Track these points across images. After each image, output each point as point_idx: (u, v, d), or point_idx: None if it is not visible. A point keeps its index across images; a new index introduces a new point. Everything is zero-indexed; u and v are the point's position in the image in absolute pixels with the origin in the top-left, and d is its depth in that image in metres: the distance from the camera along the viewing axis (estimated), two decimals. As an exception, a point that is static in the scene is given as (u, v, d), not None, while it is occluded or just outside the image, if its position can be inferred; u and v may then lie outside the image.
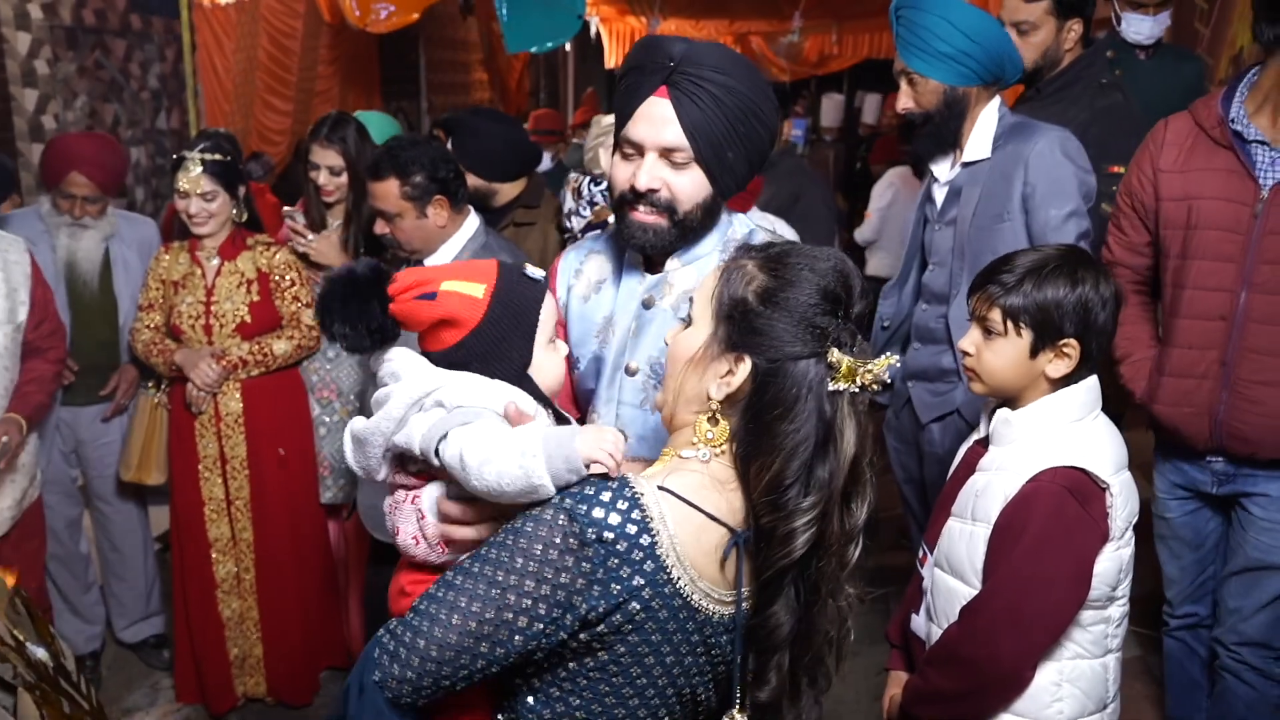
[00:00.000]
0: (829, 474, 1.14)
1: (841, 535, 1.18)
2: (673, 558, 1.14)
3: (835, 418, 1.15)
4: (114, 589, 3.33)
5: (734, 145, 1.52)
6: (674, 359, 1.26)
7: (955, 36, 2.25)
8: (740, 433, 1.19)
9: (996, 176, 2.32)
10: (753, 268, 1.21)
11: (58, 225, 2.99)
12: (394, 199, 2.46)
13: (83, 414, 3.12)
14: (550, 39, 5.37)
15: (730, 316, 1.19)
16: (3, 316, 2.63)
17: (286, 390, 2.99)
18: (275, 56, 6.74)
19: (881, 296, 2.65)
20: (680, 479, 1.19)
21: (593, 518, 1.12)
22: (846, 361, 1.14)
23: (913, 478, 2.67)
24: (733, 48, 7.82)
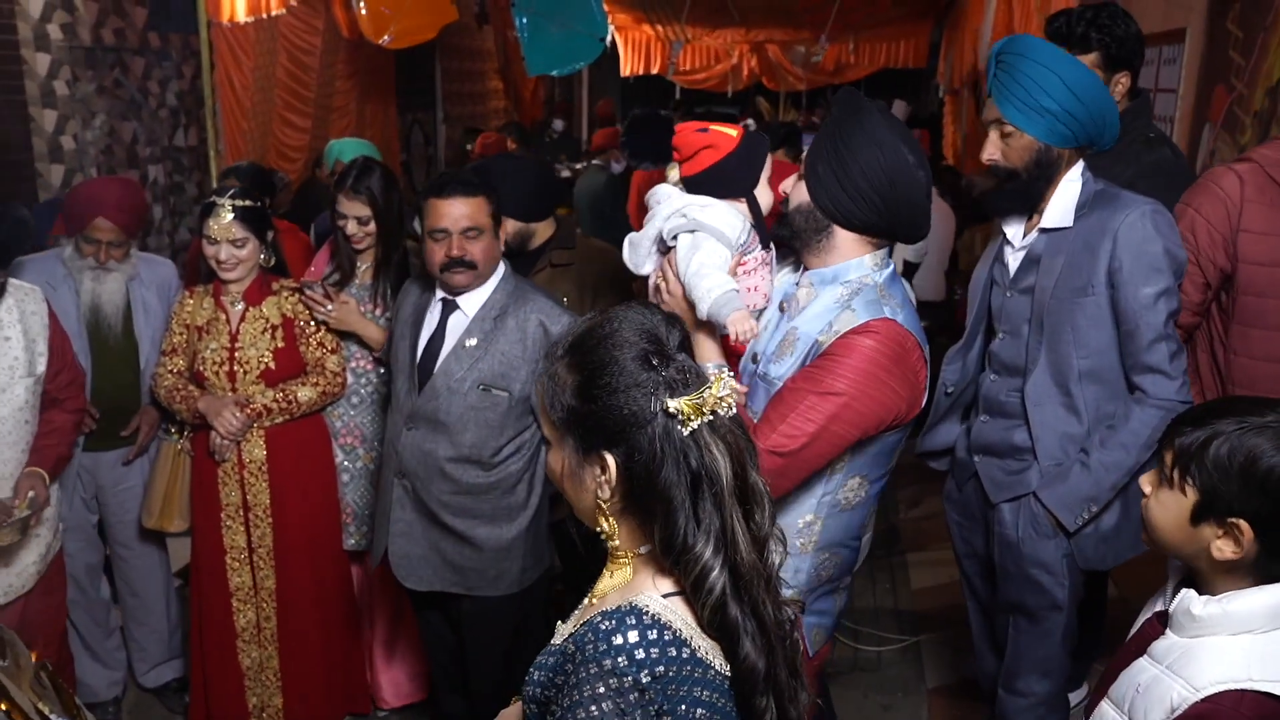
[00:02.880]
0: (714, 507, 1.17)
1: (755, 547, 1.20)
2: (706, 650, 1.17)
3: (699, 458, 1.16)
4: (134, 633, 3.29)
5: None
6: (555, 481, 1.30)
7: (1061, 93, 2.14)
8: (630, 513, 1.22)
9: (1080, 247, 2.21)
10: (563, 371, 1.23)
11: (81, 269, 2.95)
12: (484, 215, 2.45)
13: (103, 459, 3.08)
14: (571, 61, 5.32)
15: (569, 426, 1.22)
16: (22, 370, 2.58)
17: (311, 437, 2.95)
18: (294, 73, 6.70)
19: (945, 361, 2.53)
20: (660, 579, 1.22)
21: (636, 660, 1.13)
22: (686, 403, 1.16)
23: (976, 553, 2.58)
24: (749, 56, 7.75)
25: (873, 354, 1.79)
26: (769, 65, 11.64)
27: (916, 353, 1.84)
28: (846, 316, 1.86)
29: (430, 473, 2.53)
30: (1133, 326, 2.16)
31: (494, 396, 2.48)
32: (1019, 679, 2.43)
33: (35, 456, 2.63)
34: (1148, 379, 2.18)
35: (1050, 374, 2.27)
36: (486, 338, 2.49)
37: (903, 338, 1.82)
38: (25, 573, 2.64)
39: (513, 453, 2.55)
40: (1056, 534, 2.28)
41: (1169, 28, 4.12)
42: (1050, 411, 2.28)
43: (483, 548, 2.56)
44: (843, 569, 2.01)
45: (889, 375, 1.80)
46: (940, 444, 2.62)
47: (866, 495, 1.95)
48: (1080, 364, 2.23)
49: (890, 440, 1.90)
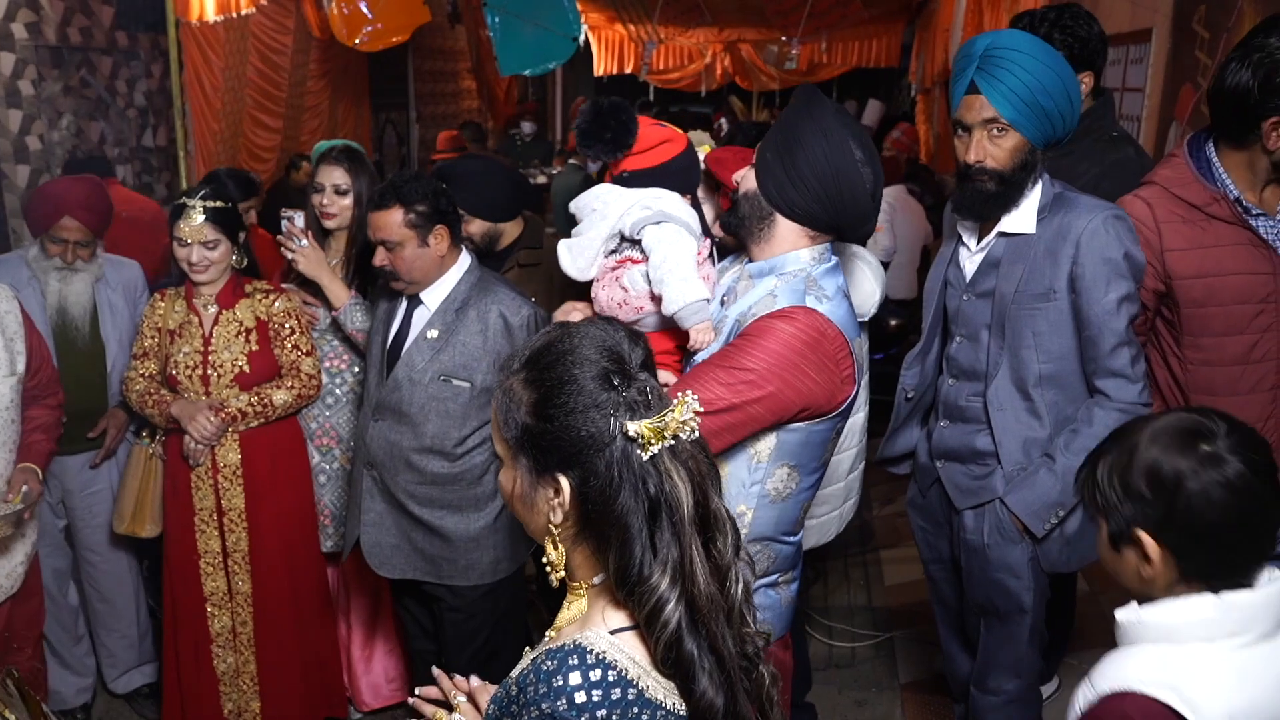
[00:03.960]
0: (672, 536, 1.11)
1: (716, 578, 1.14)
2: (656, 688, 1.12)
3: (658, 485, 1.11)
4: (104, 639, 3.25)
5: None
6: (506, 500, 1.24)
7: (1059, 94, 2.12)
8: (583, 540, 1.16)
9: (1041, 252, 2.21)
10: (519, 386, 1.17)
11: (47, 270, 2.92)
12: (397, 227, 2.45)
13: (69, 463, 3.05)
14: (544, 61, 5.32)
15: (522, 446, 1.16)
16: (4, 369, 2.57)
17: (286, 440, 2.93)
18: (265, 73, 6.65)
19: (904, 365, 2.55)
20: (612, 612, 1.16)
21: (576, 704, 1.07)
22: (646, 426, 1.11)
23: (941, 558, 2.58)
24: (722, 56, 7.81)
25: (787, 338, 1.81)
26: (742, 65, 11.67)
27: (838, 343, 1.84)
28: (766, 301, 1.89)
29: (396, 463, 2.56)
30: (1095, 332, 2.17)
31: (455, 387, 2.51)
32: (990, 678, 2.45)
33: (25, 453, 2.63)
34: (1110, 383, 2.20)
35: (1011, 378, 2.28)
36: (447, 329, 2.52)
37: (821, 326, 1.83)
38: (14, 574, 2.64)
39: (477, 444, 2.56)
40: (1022, 539, 2.29)
41: (1136, 28, 4.17)
42: (1012, 416, 2.29)
43: (451, 537, 2.57)
44: (781, 564, 1.99)
45: (803, 360, 1.80)
46: (901, 449, 2.62)
47: (799, 488, 1.94)
48: (1041, 368, 2.24)
49: (818, 431, 1.90)
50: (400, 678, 3.27)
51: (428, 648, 2.82)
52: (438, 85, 10.29)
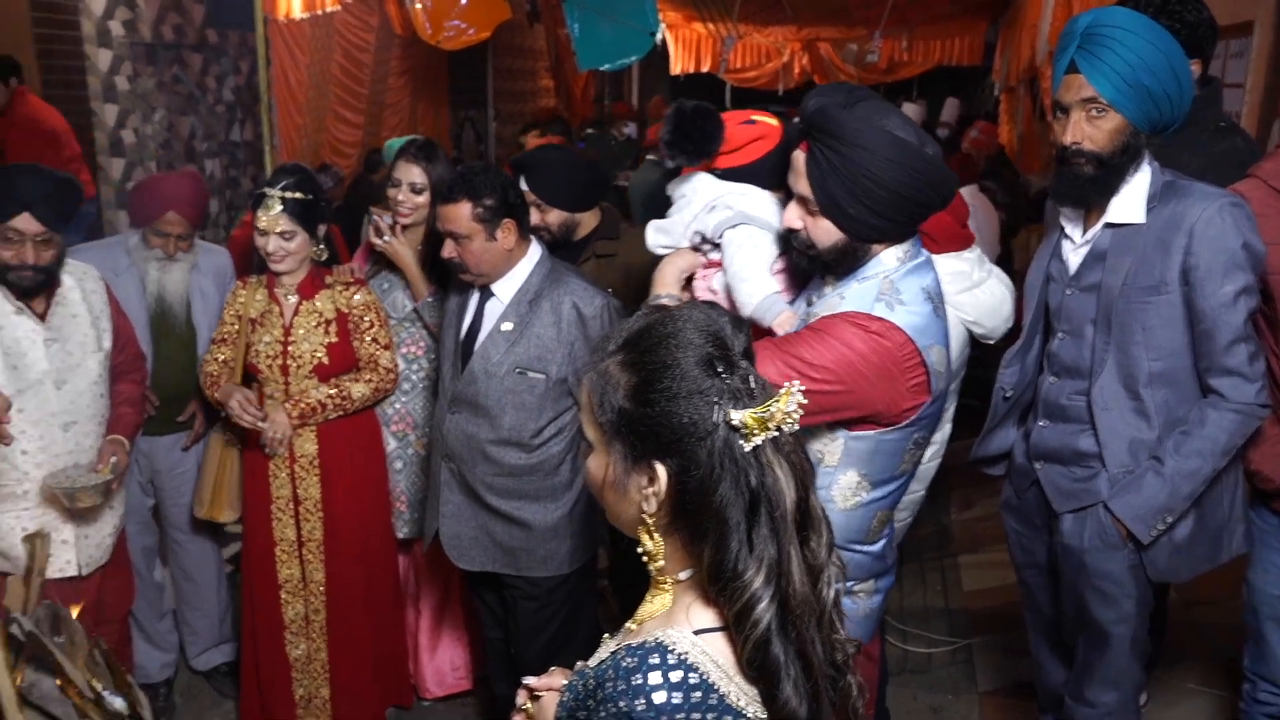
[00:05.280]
0: (770, 532, 1.07)
1: (809, 578, 1.09)
2: (738, 694, 1.07)
3: (760, 477, 1.07)
4: (187, 617, 3.34)
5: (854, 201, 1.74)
6: (593, 486, 1.19)
7: (1165, 73, 2.01)
8: (675, 531, 1.12)
9: (1151, 243, 2.10)
10: (615, 369, 1.12)
11: (147, 260, 3.00)
12: (465, 221, 2.45)
13: (160, 443, 3.13)
14: (622, 56, 5.30)
15: (618, 430, 1.11)
16: (91, 345, 2.65)
17: (362, 431, 2.95)
18: (348, 69, 6.78)
19: (1003, 363, 2.44)
20: (698, 609, 1.12)
21: (655, 704, 1.03)
22: (751, 416, 1.06)
23: (1036, 563, 2.48)
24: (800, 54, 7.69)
25: (849, 338, 1.74)
26: (820, 63, 11.55)
27: (905, 350, 1.76)
28: (833, 300, 1.83)
29: (474, 455, 2.56)
30: (1210, 326, 2.06)
31: (530, 379, 2.50)
32: (1087, 689, 2.34)
33: (113, 425, 2.71)
34: (1225, 382, 2.08)
35: (1118, 376, 2.17)
36: (521, 321, 2.52)
37: (886, 332, 1.75)
38: (104, 545, 2.71)
39: (553, 434, 2.56)
40: (1125, 545, 2.19)
41: (1236, 21, 4.00)
42: (1118, 416, 2.18)
43: (530, 528, 2.57)
44: (855, 572, 1.91)
45: (863, 363, 1.73)
46: (996, 449, 2.53)
47: (869, 497, 1.87)
48: (1151, 366, 2.13)
49: (889, 440, 1.82)
50: (465, 666, 3.28)
51: (499, 636, 2.83)
52: (516, 84, 10.38)
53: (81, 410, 2.62)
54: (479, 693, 3.29)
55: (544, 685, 1.33)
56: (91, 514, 2.65)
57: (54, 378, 2.57)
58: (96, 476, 2.56)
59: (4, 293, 2.50)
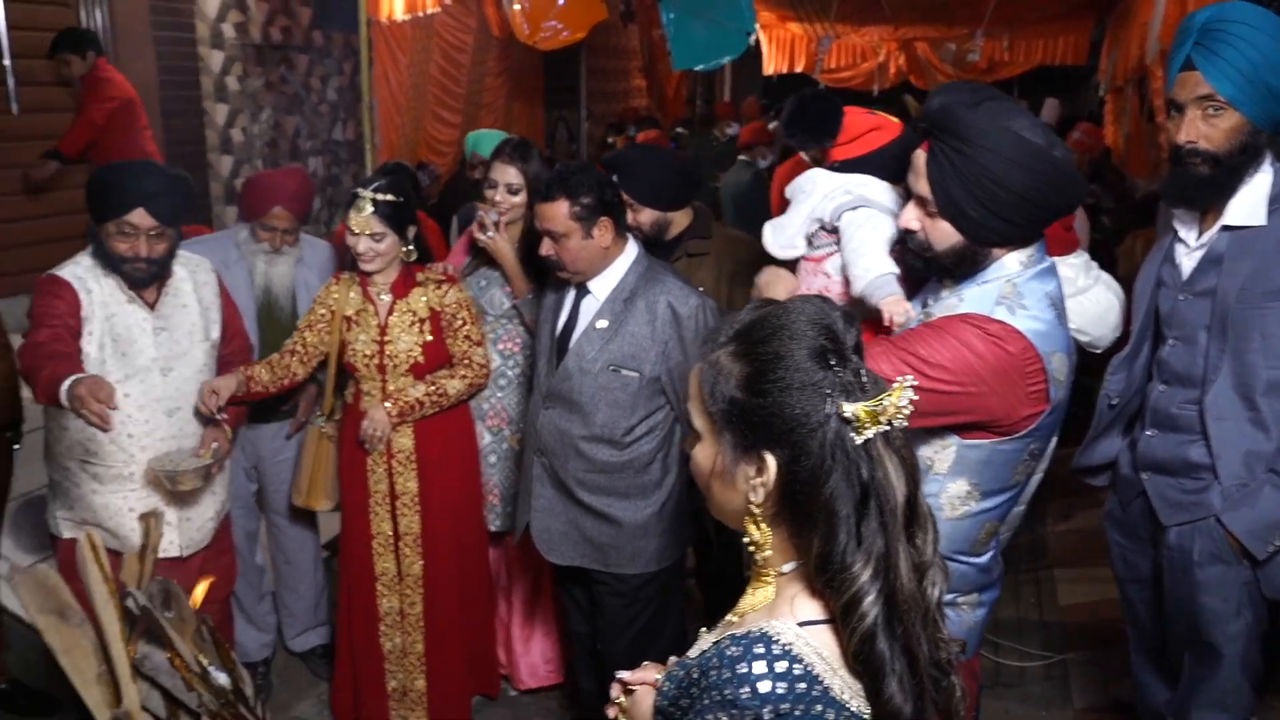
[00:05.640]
0: (878, 526, 1.06)
1: (915, 575, 1.08)
2: (842, 688, 1.06)
3: (870, 471, 1.06)
4: (285, 599, 3.44)
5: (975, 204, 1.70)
6: (699, 476, 1.20)
7: None
8: (782, 522, 1.12)
9: (1272, 246, 2.02)
10: (727, 360, 1.13)
11: (255, 253, 3.10)
12: (562, 219, 2.47)
13: (264, 431, 3.23)
14: (716, 56, 5.28)
15: (729, 420, 1.12)
16: (199, 334, 2.75)
17: (457, 425, 2.99)
18: (446, 70, 6.91)
19: (1109, 370, 2.36)
20: (803, 601, 1.11)
21: (760, 693, 1.03)
22: (862, 408, 1.06)
23: (1140, 577, 2.40)
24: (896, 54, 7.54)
25: (968, 339, 1.68)
26: (918, 63, 11.34)
27: (1027, 356, 1.70)
28: (951, 302, 1.78)
29: (566, 451, 2.59)
30: None
31: (624, 377, 2.51)
32: (1193, 711, 2.25)
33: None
34: None
35: (1234, 385, 2.09)
36: (616, 319, 2.53)
37: (1008, 338, 1.69)
38: (204, 528, 2.81)
39: (645, 432, 2.56)
40: (1239, 561, 2.10)
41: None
42: (1233, 426, 2.09)
43: (620, 525, 2.58)
44: (958, 584, 1.86)
45: (982, 367, 1.68)
46: (1100, 459, 2.45)
47: (978, 508, 1.81)
48: (1270, 374, 2.05)
49: (1004, 451, 1.77)
50: (556, 660, 3.31)
51: (585, 630, 2.85)
52: (608, 84, 10.45)
53: (186, 397, 2.71)
54: (566, 686, 3.32)
55: (637, 679, 1.34)
56: (192, 497, 2.75)
57: (161, 365, 2.66)
58: (198, 460, 2.64)
59: (117, 282, 2.61)
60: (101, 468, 2.67)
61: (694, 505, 2.71)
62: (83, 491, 2.69)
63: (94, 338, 2.57)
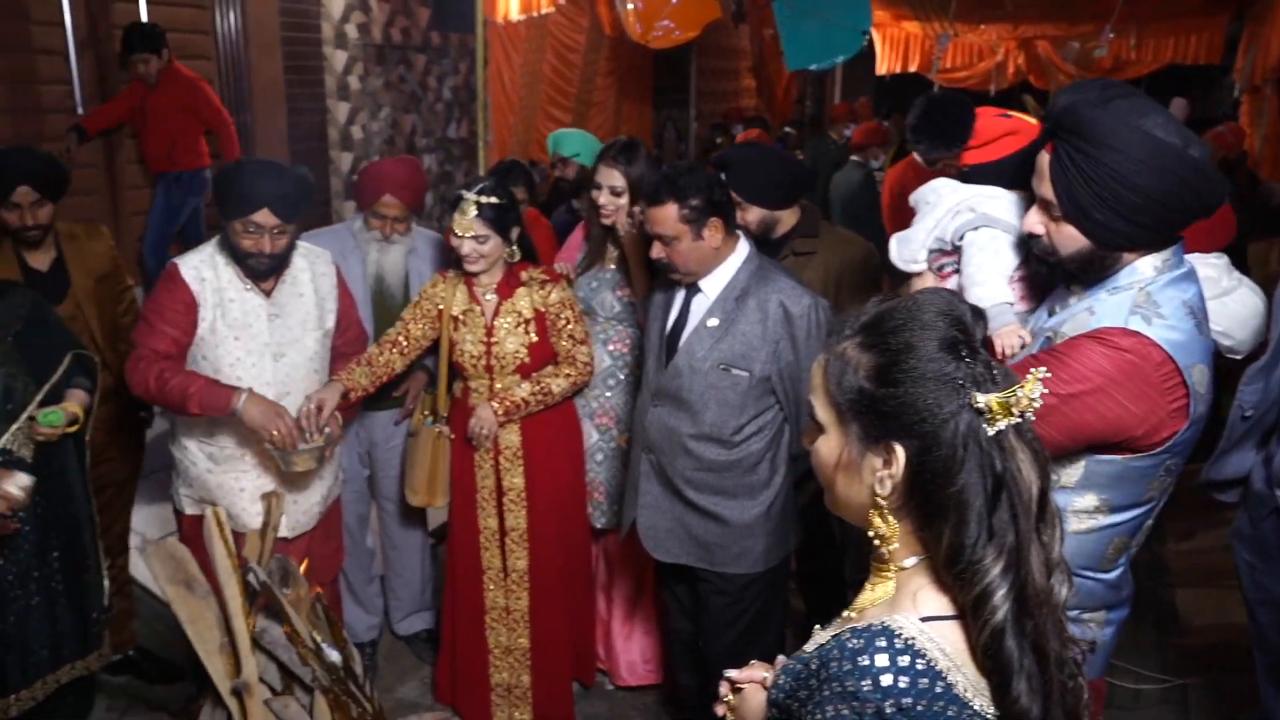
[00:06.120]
0: (1010, 519, 1.04)
1: (1045, 572, 1.06)
2: (966, 685, 1.04)
3: (1003, 462, 1.05)
4: (392, 583, 3.54)
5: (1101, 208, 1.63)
6: (822, 469, 1.18)
7: None
8: (907, 515, 1.11)
9: None
10: (854, 351, 1.12)
11: (368, 241, 3.19)
12: (672, 222, 2.47)
13: (377, 417, 3.32)
14: (831, 55, 5.23)
15: (856, 411, 1.11)
16: (313, 323, 2.84)
17: (563, 422, 3.03)
18: (558, 69, 7.00)
19: (1243, 380, 2.25)
20: (926, 596, 1.09)
21: (882, 687, 1.02)
22: (995, 400, 1.04)
23: (1272, 600, 2.27)
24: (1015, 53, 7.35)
25: (1098, 359, 1.62)
26: (1037, 62, 10.99)
27: (1165, 370, 1.62)
28: (1082, 318, 1.70)
29: (674, 448, 2.59)
30: None
31: (734, 376, 2.50)
32: None
33: None
34: None
35: None
36: (727, 318, 2.52)
37: (1143, 350, 1.62)
38: (310, 511, 2.90)
39: (754, 432, 2.55)
40: None
41: None
42: None
43: (726, 524, 2.57)
44: (1084, 600, 1.79)
45: (1113, 386, 1.61)
46: (1231, 473, 2.32)
47: (1106, 522, 1.74)
48: None
49: (1137, 467, 1.69)
50: (655, 659, 3.32)
51: (686, 628, 2.85)
52: (718, 83, 10.43)
53: (296, 382, 2.80)
54: (664, 685, 3.32)
55: (745, 677, 1.34)
56: (303, 480, 2.84)
57: (273, 350, 2.77)
58: (310, 443, 2.72)
59: (237, 271, 2.73)
60: (216, 448, 2.80)
61: (801, 507, 2.69)
62: (199, 470, 2.82)
63: (207, 323, 2.71)
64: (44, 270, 2.95)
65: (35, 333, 2.60)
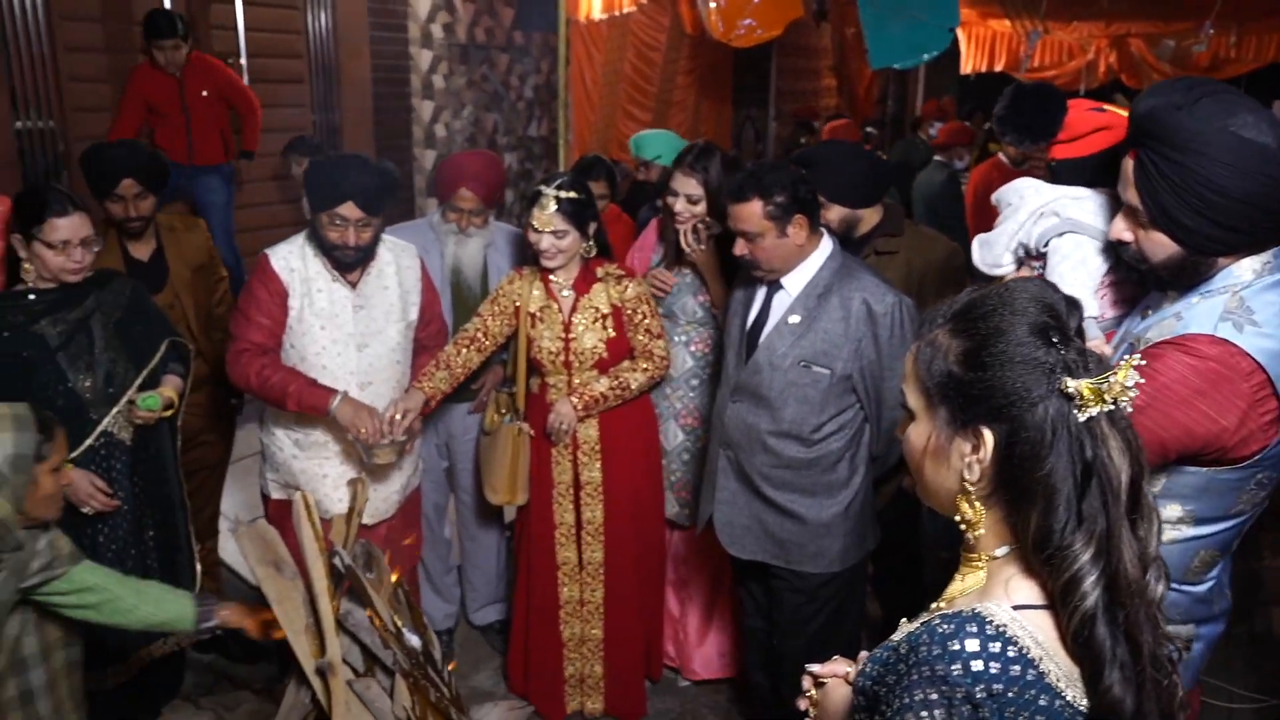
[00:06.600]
0: (1100, 505, 1.03)
1: (1139, 565, 1.04)
2: (1058, 675, 1.02)
3: (1094, 449, 1.03)
4: (468, 573, 3.58)
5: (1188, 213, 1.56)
6: (911, 456, 1.18)
7: None
8: (996, 502, 1.10)
9: None
10: (944, 337, 1.12)
11: (446, 234, 3.23)
12: (756, 219, 2.46)
13: (456, 409, 3.36)
14: (917, 53, 5.13)
15: (945, 395, 1.11)
16: (397, 315, 2.90)
17: (640, 417, 3.03)
18: (639, 68, 7.01)
19: None
20: (1018, 585, 1.08)
21: (973, 671, 1.00)
22: (1086, 385, 1.03)
23: None
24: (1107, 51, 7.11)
25: (1181, 369, 1.56)
26: (1130, 60, 10.65)
27: (1255, 380, 1.55)
28: (1169, 323, 1.64)
29: (752, 445, 2.58)
30: None
31: (815, 373, 2.48)
32: None
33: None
34: None
35: None
36: (809, 315, 2.50)
37: (1231, 359, 1.55)
38: (389, 500, 2.97)
39: (834, 431, 2.52)
40: None
41: None
42: None
43: (804, 522, 2.56)
44: (1170, 613, 1.72)
45: (1198, 397, 1.54)
46: None
47: (1190, 533, 1.68)
48: None
49: (1224, 479, 1.62)
50: (731, 654, 3.31)
51: (760, 626, 2.84)
52: (798, 83, 10.35)
53: (379, 373, 2.86)
54: (738, 681, 3.31)
55: (828, 672, 1.32)
56: (383, 471, 2.90)
57: (357, 340, 2.83)
58: (393, 437, 2.77)
59: (324, 262, 2.80)
60: (302, 435, 2.87)
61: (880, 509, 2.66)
62: (285, 457, 2.90)
63: (295, 312, 2.79)
64: (144, 260, 3.07)
65: (135, 320, 2.70)
